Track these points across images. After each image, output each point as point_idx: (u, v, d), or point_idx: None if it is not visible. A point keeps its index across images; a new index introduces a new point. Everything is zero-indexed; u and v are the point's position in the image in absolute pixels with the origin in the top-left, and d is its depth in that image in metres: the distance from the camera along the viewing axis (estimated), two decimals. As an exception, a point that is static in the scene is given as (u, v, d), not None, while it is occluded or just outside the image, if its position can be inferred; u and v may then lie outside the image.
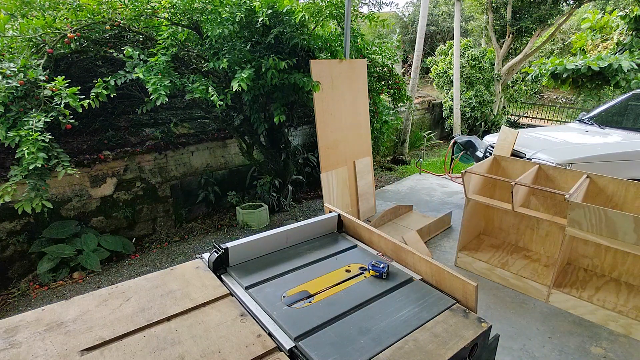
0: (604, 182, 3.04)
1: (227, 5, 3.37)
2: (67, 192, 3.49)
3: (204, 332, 1.03)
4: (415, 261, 1.36)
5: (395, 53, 5.13)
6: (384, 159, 7.29)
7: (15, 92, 2.57)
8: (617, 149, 3.89)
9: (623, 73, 5.71)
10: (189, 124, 4.46)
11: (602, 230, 2.48)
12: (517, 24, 8.85)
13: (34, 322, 1.04)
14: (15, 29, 2.90)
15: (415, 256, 1.35)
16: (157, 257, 3.67)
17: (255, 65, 3.32)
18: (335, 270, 1.36)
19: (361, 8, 12.78)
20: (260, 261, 1.41)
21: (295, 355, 0.98)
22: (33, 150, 2.44)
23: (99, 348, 0.96)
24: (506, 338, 2.48)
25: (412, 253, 1.36)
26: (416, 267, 1.37)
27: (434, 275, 1.30)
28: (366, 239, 1.59)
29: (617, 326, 2.59)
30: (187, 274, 1.30)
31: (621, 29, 7.35)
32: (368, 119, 4.30)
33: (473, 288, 1.17)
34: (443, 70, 9.87)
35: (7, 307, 2.97)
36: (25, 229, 3.29)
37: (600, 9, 10.71)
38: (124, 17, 3.21)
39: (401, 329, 1.06)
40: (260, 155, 4.65)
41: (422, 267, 1.34)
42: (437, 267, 1.27)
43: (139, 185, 3.97)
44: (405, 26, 15.24)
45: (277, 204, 4.66)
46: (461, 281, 1.20)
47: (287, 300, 1.17)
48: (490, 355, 1.29)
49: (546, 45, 12.21)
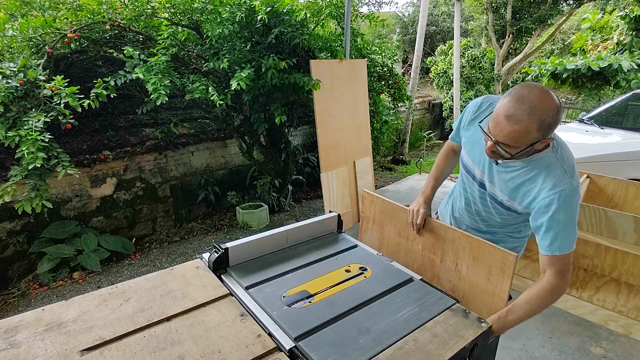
0: (604, 182, 3.04)
1: (227, 5, 3.37)
2: (67, 192, 3.49)
3: (204, 332, 1.03)
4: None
5: (395, 53, 5.14)
6: (384, 159, 7.29)
7: (15, 92, 2.57)
8: (617, 149, 3.89)
9: (623, 73, 5.72)
10: (189, 124, 4.46)
11: (602, 230, 2.48)
12: (517, 24, 8.86)
13: (34, 322, 1.04)
14: (15, 29, 2.90)
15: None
16: (157, 257, 3.67)
17: (255, 65, 3.32)
18: (335, 270, 1.36)
19: (361, 8, 12.77)
20: (260, 261, 1.41)
21: (295, 355, 0.98)
22: (33, 150, 2.44)
23: (99, 348, 0.96)
24: (506, 338, 2.48)
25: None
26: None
27: (472, 249, 1.40)
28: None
29: (617, 326, 2.59)
30: (187, 274, 1.30)
31: (621, 29, 7.36)
32: (368, 119, 4.30)
33: (513, 258, 1.27)
34: (443, 70, 9.87)
35: (7, 307, 2.97)
36: (25, 229, 3.29)
37: (600, 9, 10.71)
38: (124, 17, 3.21)
39: (401, 329, 1.06)
40: (260, 155, 4.65)
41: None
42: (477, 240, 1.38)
43: (139, 185, 3.97)
44: (405, 26, 15.24)
45: (277, 204, 4.66)
46: (501, 252, 1.31)
47: (287, 300, 1.17)
48: (490, 355, 1.29)
49: (546, 45, 12.21)
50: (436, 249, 1.55)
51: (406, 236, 1.67)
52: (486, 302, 1.37)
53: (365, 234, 1.88)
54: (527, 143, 1.17)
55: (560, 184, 1.22)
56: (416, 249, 1.63)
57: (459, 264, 1.46)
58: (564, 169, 1.25)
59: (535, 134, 1.14)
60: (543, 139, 1.17)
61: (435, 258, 1.56)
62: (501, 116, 1.16)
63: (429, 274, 1.56)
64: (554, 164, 1.26)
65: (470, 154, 1.49)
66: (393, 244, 1.73)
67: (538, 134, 1.14)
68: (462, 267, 1.45)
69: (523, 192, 1.31)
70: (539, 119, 1.12)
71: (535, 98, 1.13)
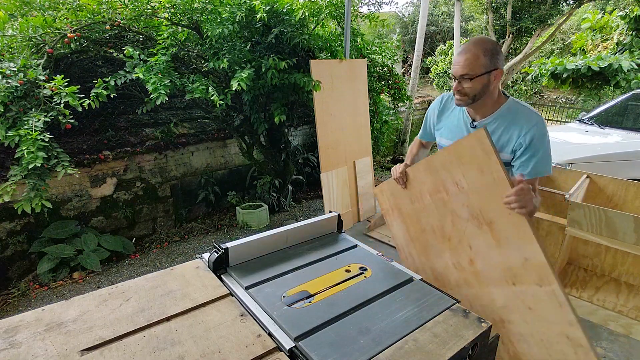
0: (604, 182, 3.04)
1: (227, 5, 3.37)
2: (67, 192, 3.49)
3: (204, 332, 1.03)
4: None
5: (395, 53, 5.13)
6: (384, 159, 7.29)
7: (15, 91, 2.57)
8: (617, 149, 3.89)
9: (623, 73, 5.72)
10: (189, 124, 4.46)
11: (602, 230, 2.48)
12: (517, 24, 8.86)
13: (34, 322, 1.04)
14: (15, 29, 2.90)
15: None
16: (157, 257, 3.67)
17: (256, 65, 3.32)
18: (335, 270, 1.36)
19: (361, 8, 12.78)
20: (260, 261, 1.41)
21: (295, 355, 0.98)
22: (32, 150, 2.44)
23: (99, 348, 0.96)
24: (506, 338, 2.47)
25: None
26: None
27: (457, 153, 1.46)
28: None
29: (617, 326, 2.59)
30: (187, 274, 1.30)
31: (621, 29, 7.36)
32: (368, 119, 4.30)
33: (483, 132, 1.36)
34: (443, 70, 9.87)
35: (7, 307, 2.97)
36: (25, 229, 3.29)
37: (600, 9, 10.71)
38: (124, 17, 3.21)
39: (401, 329, 1.06)
40: (260, 155, 4.65)
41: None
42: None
43: (139, 185, 3.97)
44: (405, 26, 15.24)
45: (277, 204, 4.66)
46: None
47: (287, 300, 1.17)
48: (490, 355, 1.29)
49: (546, 45, 12.21)
50: (438, 185, 1.59)
51: (416, 197, 1.72)
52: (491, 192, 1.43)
53: (392, 226, 1.93)
54: (481, 68, 1.44)
55: (533, 118, 1.50)
56: (427, 201, 1.67)
57: (460, 180, 1.49)
58: (527, 107, 1.55)
59: (483, 59, 1.44)
60: (493, 67, 1.46)
61: (442, 194, 1.59)
62: (455, 56, 1.52)
63: (448, 207, 1.58)
64: (519, 108, 1.54)
65: (453, 138, 1.67)
66: (412, 214, 1.77)
67: (485, 59, 1.44)
68: (463, 182, 1.49)
69: (504, 140, 1.55)
70: (482, 47, 1.45)
71: (475, 38, 1.52)
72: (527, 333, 1.46)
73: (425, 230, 1.71)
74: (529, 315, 1.42)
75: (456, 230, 1.56)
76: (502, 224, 1.40)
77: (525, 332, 1.46)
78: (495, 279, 1.48)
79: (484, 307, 1.55)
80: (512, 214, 1.34)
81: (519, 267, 1.39)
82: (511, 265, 1.42)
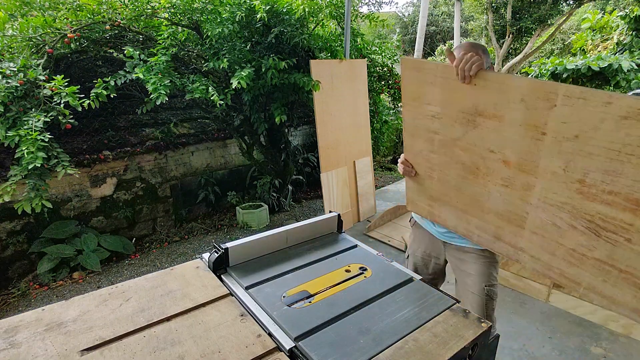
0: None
1: (227, 5, 3.37)
2: (67, 192, 3.49)
3: (204, 332, 1.03)
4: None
5: (395, 53, 5.14)
6: (384, 159, 7.29)
7: (15, 91, 2.57)
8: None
9: (623, 73, 5.71)
10: (189, 124, 4.46)
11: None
12: (517, 24, 8.86)
13: (34, 322, 1.04)
14: (15, 29, 2.90)
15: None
16: (157, 257, 3.67)
17: (255, 65, 3.32)
18: (335, 270, 1.36)
19: (361, 8, 12.78)
20: (260, 261, 1.41)
21: (295, 355, 0.98)
22: (32, 150, 2.44)
23: (99, 348, 0.96)
24: (506, 338, 2.48)
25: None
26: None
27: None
28: None
29: (617, 326, 2.59)
30: (187, 274, 1.30)
31: (621, 29, 7.35)
32: (368, 119, 4.30)
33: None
34: (443, 70, 9.85)
35: (7, 307, 2.97)
36: (25, 229, 3.29)
37: (600, 9, 10.70)
38: (124, 17, 3.21)
39: (401, 329, 1.06)
40: (260, 155, 4.65)
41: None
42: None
43: (139, 185, 3.97)
44: (405, 26, 15.24)
45: (277, 204, 4.66)
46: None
47: (287, 300, 1.17)
48: (490, 355, 1.29)
49: (546, 45, 12.20)
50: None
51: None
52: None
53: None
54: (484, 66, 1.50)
55: None
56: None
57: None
58: None
59: (482, 57, 1.45)
60: (488, 65, 1.52)
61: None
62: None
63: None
64: None
65: None
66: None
67: (485, 58, 1.51)
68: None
69: None
70: (481, 48, 1.56)
71: (467, 42, 1.64)
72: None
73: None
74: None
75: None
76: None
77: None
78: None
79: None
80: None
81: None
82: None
